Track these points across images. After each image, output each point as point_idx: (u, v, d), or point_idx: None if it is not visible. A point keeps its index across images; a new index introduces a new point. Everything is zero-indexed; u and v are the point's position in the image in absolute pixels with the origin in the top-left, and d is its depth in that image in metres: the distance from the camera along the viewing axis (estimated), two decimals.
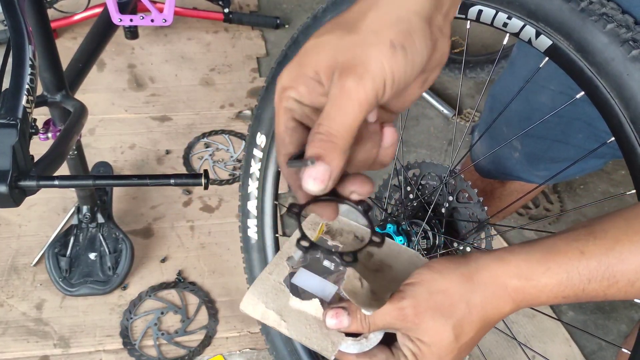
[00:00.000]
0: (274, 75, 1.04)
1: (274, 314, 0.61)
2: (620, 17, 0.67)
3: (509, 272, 0.55)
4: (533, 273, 0.54)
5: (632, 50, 0.65)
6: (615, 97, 0.67)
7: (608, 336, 1.44)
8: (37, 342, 1.32)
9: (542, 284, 0.54)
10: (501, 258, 0.56)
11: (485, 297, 0.55)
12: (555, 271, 0.53)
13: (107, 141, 1.76)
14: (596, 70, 0.68)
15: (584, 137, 0.94)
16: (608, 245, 0.52)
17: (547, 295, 0.54)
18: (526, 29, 0.74)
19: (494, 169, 1.14)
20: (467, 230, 0.83)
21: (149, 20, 1.50)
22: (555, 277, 0.53)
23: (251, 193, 1.11)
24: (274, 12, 2.30)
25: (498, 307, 0.56)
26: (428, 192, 0.88)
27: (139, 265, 1.47)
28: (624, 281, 0.52)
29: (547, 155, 1.03)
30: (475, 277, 0.56)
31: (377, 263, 0.67)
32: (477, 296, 0.55)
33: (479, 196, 0.83)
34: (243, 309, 0.62)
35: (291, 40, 0.99)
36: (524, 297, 0.55)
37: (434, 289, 0.56)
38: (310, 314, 0.61)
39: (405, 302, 0.56)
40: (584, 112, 0.87)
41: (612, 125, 0.69)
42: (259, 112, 1.07)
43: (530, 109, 0.97)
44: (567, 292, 0.54)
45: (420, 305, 0.55)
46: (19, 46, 0.86)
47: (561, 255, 0.54)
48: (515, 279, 0.55)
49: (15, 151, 0.78)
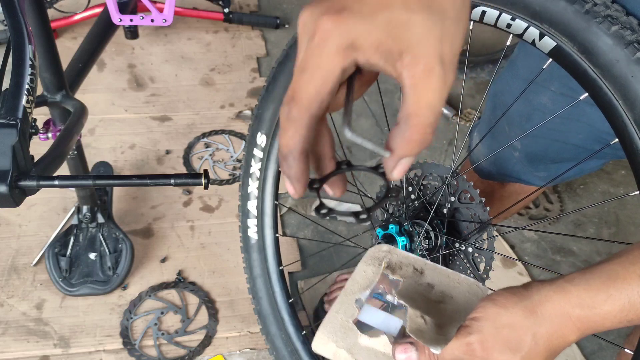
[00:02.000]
0: (274, 75, 1.04)
1: (344, 353, 0.63)
2: (625, 19, 0.67)
3: (572, 302, 0.56)
4: (595, 302, 0.56)
5: (636, 52, 0.65)
6: (619, 98, 0.67)
7: (608, 336, 1.44)
8: (37, 342, 1.32)
9: (605, 311, 0.55)
10: (562, 288, 0.57)
11: (551, 329, 0.57)
12: (617, 297, 0.55)
13: (107, 141, 1.76)
14: (600, 72, 0.68)
15: (584, 138, 0.94)
16: None
17: (612, 321, 0.56)
18: (530, 30, 0.74)
19: (494, 169, 1.14)
20: (469, 231, 0.83)
21: (149, 20, 1.50)
22: (618, 304, 0.55)
23: (251, 193, 1.11)
24: (274, 12, 2.30)
25: (563, 336, 0.57)
26: (430, 192, 0.88)
27: (139, 265, 1.47)
28: None
29: (547, 156, 1.03)
30: (538, 309, 0.57)
31: (439, 294, 0.68)
32: (543, 329, 0.57)
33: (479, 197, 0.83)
34: (315, 349, 0.64)
35: (292, 40, 0.99)
36: (589, 325, 0.56)
37: (500, 324, 0.57)
38: (380, 350, 0.63)
39: (472, 338, 0.57)
40: (585, 113, 0.87)
41: (616, 126, 0.69)
42: (259, 112, 1.07)
43: (531, 109, 0.97)
44: (631, 317, 0.55)
45: (487, 340, 0.57)
46: (19, 46, 0.86)
47: (620, 281, 0.55)
48: (578, 309, 0.56)
49: (16, 151, 0.78)
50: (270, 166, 1.09)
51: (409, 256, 0.72)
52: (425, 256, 0.85)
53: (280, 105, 0.44)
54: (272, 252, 1.13)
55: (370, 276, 0.70)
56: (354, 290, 0.68)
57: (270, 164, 1.08)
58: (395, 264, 0.72)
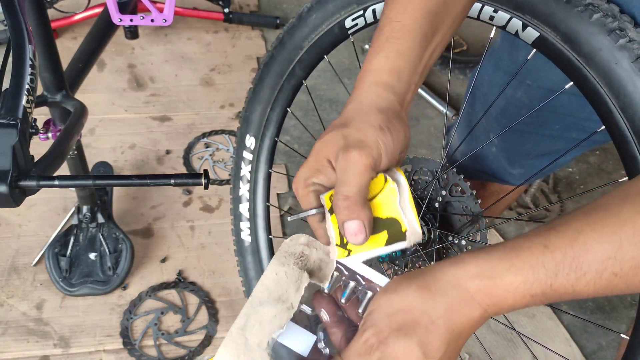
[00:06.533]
0: (260, 77, 1.03)
1: None
2: (606, 6, 0.68)
3: (469, 273, 0.52)
4: (495, 271, 0.51)
5: (619, 39, 0.66)
6: (604, 86, 0.68)
7: (608, 336, 1.44)
8: (37, 342, 1.32)
9: (507, 282, 0.50)
10: (460, 260, 0.53)
11: (448, 305, 0.52)
12: (519, 267, 0.50)
13: (107, 141, 1.76)
14: (584, 61, 0.69)
15: (561, 128, 0.94)
16: (571, 236, 0.50)
17: (514, 296, 0.51)
18: (513, 21, 0.74)
19: (472, 166, 1.13)
20: (462, 224, 0.83)
21: (149, 20, 1.50)
22: (520, 274, 0.50)
23: (242, 196, 1.11)
24: (274, 12, 2.30)
25: (464, 313, 0.52)
26: (421, 187, 0.88)
27: (139, 265, 1.47)
28: (592, 272, 0.49)
29: (523, 149, 1.03)
30: (432, 286, 0.52)
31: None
32: (439, 305, 0.52)
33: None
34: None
35: (277, 41, 0.99)
36: (490, 299, 0.51)
37: (392, 310, 0.53)
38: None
39: (367, 333, 0.53)
40: (562, 103, 0.87)
41: (602, 113, 0.69)
42: (247, 114, 1.07)
43: (506, 102, 0.97)
44: (535, 289, 0.50)
45: (382, 331, 0.52)
46: (19, 46, 0.86)
47: (524, 251, 0.51)
48: (477, 280, 0.51)
49: (16, 151, 0.78)
50: (260, 168, 1.08)
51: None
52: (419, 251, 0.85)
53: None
54: (266, 255, 1.12)
55: (284, 281, 0.60)
56: (262, 300, 0.58)
57: (261, 165, 1.07)
58: (314, 262, 0.62)
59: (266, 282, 0.60)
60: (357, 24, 0.89)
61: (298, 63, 0.98)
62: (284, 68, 0.99)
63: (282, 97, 1.02)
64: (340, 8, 0.90)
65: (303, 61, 0.98)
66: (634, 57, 0.65)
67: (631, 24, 0.67)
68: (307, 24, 0.94)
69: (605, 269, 0.48)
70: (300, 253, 0.62)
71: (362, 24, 0.90)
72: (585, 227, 0.50)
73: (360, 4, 0.88)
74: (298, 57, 0.97)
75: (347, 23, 0.90)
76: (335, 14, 0.90)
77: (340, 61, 2.06)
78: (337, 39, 0.93)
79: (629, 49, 0.66)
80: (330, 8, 0.91)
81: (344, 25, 0.90)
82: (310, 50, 0.96)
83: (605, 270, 0.48)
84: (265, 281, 0.60)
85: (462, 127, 1.12)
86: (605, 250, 0.48)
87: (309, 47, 0.96)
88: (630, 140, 0.68)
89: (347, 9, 0.89)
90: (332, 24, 0.91)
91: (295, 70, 0.99)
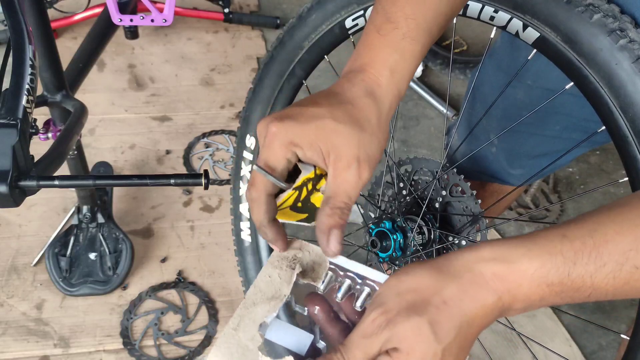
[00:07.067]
0: (260, 77, 1.03)
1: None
2: (607, 7, 0.68)
3: (484, 257, 0.50)
4: (511, 255, 0.49)
5: (619, 40, 0.66)
6: (604, 86, 0.68)
7: (608, 336, 1.44)
8: (37, 342, 1.32)
9: (523, 267, 0.49)
10: (474, 246, 0.52)
11: (462, 287, 0.50)
12: (537, 253, 0.48)
13: (107, 141, 1.76)
14: (585, 61, 0.69)
15: (561, 129, 0.94)
16: (591, 227, 0.48)
17: (530, 283, 0.49)
18: (513, 22, 0.74)
19: (472, 167, 1.13)
20: (462, 224, 0.83)
21: (149, 20, 1.50)
22: (537, 260, 0.48)
23: (242, 196, 1.11)
24: (274, 12, 2.30)
25: (477, 298, 0.50)
26: (421, 187, 0.88)
27: (139, 265, 1.47)
28: (612, 263, 0.47)
29: (523, 150, 1.03)
30: (445, 268, 0.51)
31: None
32: (452, 286, 0.50)
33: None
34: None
35: (277, 41, 0.99)
36: (504, 285, 0.49)
37: (403, 290, 0.51)
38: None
39: (374, 313, 0.50)
40: (562, 104, 0.87)
41: (602, 114, 0.69)
42: (247, 114, 1.06)
43: (507, 103, 0.97)
44: (552, 278, 0.48)
45: (391, 310, 0.50)
46: (19, 46, 0.86)
47: (542, 239, 0.49)
48: (492, 263, 0.49)
49: (16, 151, 0.78)
50: None
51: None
52: (419, 251, 0.85)
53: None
54: (266, 255, 1.12)
55: (277, 282, 0.60)
56: (255, 301, 0.59)
57: None
58: (307, 264, 0.62)
59: (259, 284, 0.61)
60: (358, 24, 0.90)
61: (298, 63, 0.98)
62: (284, 68, 0.99)
63: (283, 98, 1.02)
64: (340, 8, 0.90)
65: (303, 61, 0.97)
66: (634, 58, 0.65)
67: (631, 25, 0.67)
68: (307, 24, 0.94)
69: (627, 260, 0.47)
70: (293, 256, 0.63)
71: (363, 24, 0.90)
72: (605, 220, 0.49)
73: (361, 4, 0.88)
74: (298, 57, 0.97)
75: (347, 23, 0.90)
76: (335, 14, 0.90)
77: (341, 61, 2.05)
78: (337, 39, 0.93)
79: (629, 49, 0.66)
80: (330, 8, 0.91)
81: (344, 25, 0.90)
82: (311, 51, 0.96)
83: (626, 262, 0.47)
84: (259, 284, 0.61)
85: (462, 127, 1.12)
86: (626, 241, 0.47)
87: (309, 47, 0.96)
88: (631, 141, 0.68)
89: (348, 9, 0.89)
90: (332, 24, 0.91)
91: (295, 71, 0.99)
